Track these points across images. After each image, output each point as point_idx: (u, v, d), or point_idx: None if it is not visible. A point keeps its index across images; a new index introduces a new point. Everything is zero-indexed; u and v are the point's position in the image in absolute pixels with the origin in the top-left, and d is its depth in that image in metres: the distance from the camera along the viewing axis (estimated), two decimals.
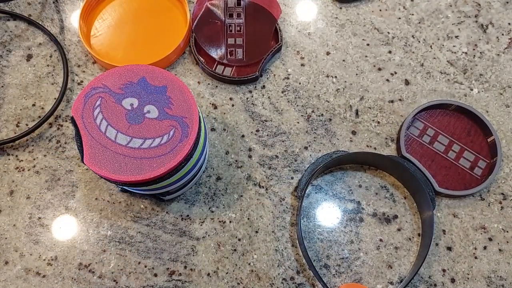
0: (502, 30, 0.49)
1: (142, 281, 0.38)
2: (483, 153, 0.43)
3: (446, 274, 0.39)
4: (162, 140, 0.32)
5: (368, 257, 0.39)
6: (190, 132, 0.32)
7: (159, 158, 0.31)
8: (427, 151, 0.43)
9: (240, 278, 0.39)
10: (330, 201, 0.41)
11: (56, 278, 0.38)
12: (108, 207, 0.41)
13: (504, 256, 0.40)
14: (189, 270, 0.39)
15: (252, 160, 0.42)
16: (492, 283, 0.39)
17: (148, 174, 0.31)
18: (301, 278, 0.39)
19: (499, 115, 0.45)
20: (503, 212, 0.41)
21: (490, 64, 0.47)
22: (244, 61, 0.45)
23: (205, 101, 0.45)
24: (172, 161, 0.31)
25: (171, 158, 0.31)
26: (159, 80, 0.34)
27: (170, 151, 0.32)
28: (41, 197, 0.41)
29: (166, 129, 0.32)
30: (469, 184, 0.41)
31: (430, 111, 0.44)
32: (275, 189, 0.42)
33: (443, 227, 0.40)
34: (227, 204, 0.41)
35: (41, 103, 0.45)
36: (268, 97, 0.45)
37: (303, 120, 0.44)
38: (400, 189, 0.42)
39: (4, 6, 0.50)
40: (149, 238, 0.40)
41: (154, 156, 0.32)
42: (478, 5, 0.50)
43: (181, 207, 0.41)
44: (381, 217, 0.41)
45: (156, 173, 0.31)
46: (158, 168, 0.31)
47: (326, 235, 0.40)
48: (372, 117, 0.44)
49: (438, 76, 0.46)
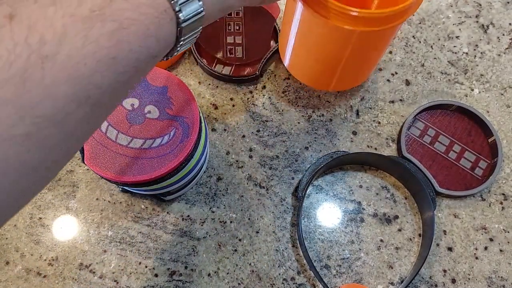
0: (503, 30, 0.49)
1: (142, 282, 0.38)
2: (484, 153, 0.43)
3: (447, 275, 0.39)
4: (162, 141, 0.32)
5: (369, 258, 0.39)
6: (191, 132, 0.32)
7: (160, 158, 0.31)
8: (427, 152, 0.43)
9: (241, 279, 0.39)
10: (330, 201, 0.41)
11: (57, 278, 0.38)
12: (108, 207, 0.41)
13: (505, 256, 0.40)
14: (190, 270, 0.39)
15: (253, 160, 0.42)
16: (493, 284, 0.39)
17: (148, 175, 0.31)
18: (301, 279, 0.39)
19: (500, 115, 0.45)
20: (504, 212, 0.41)
21: (491, 64, 0.47)
22: (243, 59, 0.45)
23: (206, 101, 0.45)
24: (173, 161, 0.31)
25: (172, 158, 0.31)
26: (160, 81, 0.34)
27: (171, 151, 0.32)
28: (41, 197, 0.41)
29: (167, 129, 0.32)
30: (470, 184, 0.41)
31: (430, 112, 0.44)
32: (275, 190, 0.42)
33: (444, 227, 0.40)
34: (228, 204, 0.41)
35: None
36: (268, 97, 0.45)
37: (304, 120, 0.44)
38: (400, 190, 0.42)
39: None
40: (149, 238, 0.40)
41: (155, 156, 0.32)
42: (479, 5, 0.50)
43: (182, 207, 0.41)
44: (382, 217, 0.41)
45: (157, 174, 0.31)
46: (159, 168, 0.31)
47: (327, 236, 0.40)
48: (372, 117, 0.44)
49: (439, 76, 0.46)
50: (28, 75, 0.16)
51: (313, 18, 0.33)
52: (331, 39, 0.35)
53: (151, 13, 0.19)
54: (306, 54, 0.40)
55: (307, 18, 0.35)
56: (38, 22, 0.16)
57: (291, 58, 0.42)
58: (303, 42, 0.38)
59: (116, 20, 0.18)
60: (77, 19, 0.17)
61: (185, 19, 0.20)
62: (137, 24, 0.18)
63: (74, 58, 0.17)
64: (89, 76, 0.17)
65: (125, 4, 0.18)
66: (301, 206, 0.39)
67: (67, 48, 0.16)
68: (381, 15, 0.31)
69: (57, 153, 0.18)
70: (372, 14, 0.31)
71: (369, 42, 0.36)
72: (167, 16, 0.20)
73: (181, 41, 0.21)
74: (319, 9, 0.32)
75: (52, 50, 0.16)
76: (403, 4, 0.30)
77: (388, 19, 0.32)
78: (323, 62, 0.39)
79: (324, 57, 0.39)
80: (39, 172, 0.18)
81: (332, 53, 0.37)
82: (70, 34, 0.17)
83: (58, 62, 0.16)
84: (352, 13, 0.30)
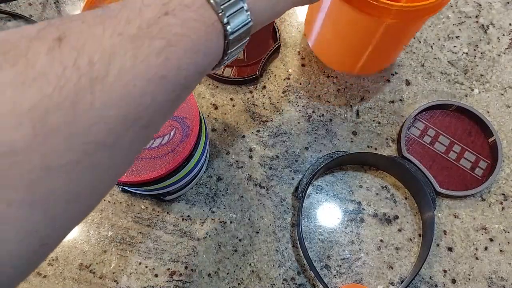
0: (503, 31, 0.49)
1: (142, 282, 0.38)
2: (484, 153, 0.43)
3: (447, 275, 0.39)
4: (163, 141, 0.32)
5: (369, 258, 0.39)
6: (191, 132, 0.32)
7: (160, 159, 0.31)
8: (427, 152, 0.43)
9: (241, 279, 0.39)
10: (330, 201, 0.41)
11: (57, 279, 0.38)
12: (109, 207, 0.41)
13: (505, 256, 0.40)
14: (190, 270, 0.39)
15: (253, 161, 0.42)
16: (493, 284, 0.39)
17: (149, 175, 0.31)
18: (301, 279, 0.39)
19: (500, 115, 0.45)
20: (504, 212, 0.41)
21: (491, 65, 0.47)
22: (245, 61, 0.45)
23: (206, 101, 0.45)
24: (173, 161, 0.31)
25: (172, 158, 0.31)
26: None
27: (171, 151, 0.32)
28: None
29: (167, 130, 0.32)
30: (470, 184, 0.41)
31: (430, 112, 0.44)
32: (275, 190, 0.42)
33: (444, 227, 0.40)
34: (228, 204, 0.41)
35: None
36: (268, 97, 0.45)
37: (304, 121, 0.44)
38: (400, 190, 0.42)
39: (5, 6, 0.50)
40: (149, 239, 0.40)
41: (154, 156, 0.32)
42: (479, 5, 0.50)
43: (182, 208, 0.41)
44: (382, 217, 0.41)
45: (157, 174, 0.31)
46: (159, 168, 0.31)
47: (327, 236, 0.40)
48: (372, 117, 0.44)
49: (439, 77, 0.46)
50: (79, 99, 0.15)
51: (343, 6, 0.33)
52: (361, 28, 0.36)
53: (198, 27, 0.18)
54: (334, 39, 0.41)
55: (337, 6, 0.35)
56: (87, 43, 0.16)
57: (317, 39, 0.43)
58: (331, 27, 0.39)
59: (164, 37, 0.17)
60: (125, 38, 0.16)
61: (233, 31, 0.20)
62: (185, 40, 0.18)
63: (124, 79, 0.16)
64: (140, 96, 0.17)
65: (173, 19, 0.17)
66: (301, 206, 0.39)
67: (117, 69, 0.16)
68: (412, 9, 0.31)
69: (105, 178, 0.18)
70: (403, 8, 0.31)
71: (397, 32, 0.37)
72: (214, 29, 0.19)
73: (228, 54, 0.21)
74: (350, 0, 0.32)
75: (102, 72, 0.16)
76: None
77: (418, 13, 0.32)
78: (350, 48, 0.40)
79: (351, 43, 0.39)
80: (85, 200, 0.17)
81: (360, 41, 0.38)
82: (119, 54, 0.16)
83: (108, 84, 0.16)
84: (385, 6, 0.31)
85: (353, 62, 0.42)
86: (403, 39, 0.39)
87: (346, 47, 0.41)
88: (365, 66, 0.42)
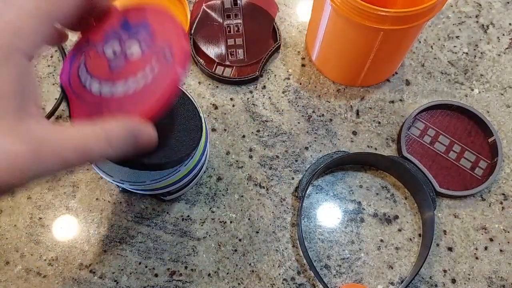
0: (503, 31, 0.49)
1: (142, 282, 0.38)
2: (484, 153, 0.43)
3: (447, 275, 0.39)
4: (146, 76, 0.27)
5: (369, 258, 0.39)
6: (175, 58, 0.26)
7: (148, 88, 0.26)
8: (427, 152, 0.43)
9: (241, 279, 0.39)
10: (330, 201, 0.41)
11: (57, 278, 0.38)
12: (108, 207, 0.41)
13: (505, 256, 0.40)
14: (190, 270, 0.39)
15: (253, 161, 0.42)
16: (493, 284, 0.39)
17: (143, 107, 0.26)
18: (301, 279, 0.39)
19: (500, 115, 0.45)
20: (504, 212, 0.41)
21: (491, 65, 0.47)
22: (245, 61, 0.45)
23: (206, 101, 0.45)
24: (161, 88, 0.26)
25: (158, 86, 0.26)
26: (140, 17, 0.28)
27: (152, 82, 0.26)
28: (42, 198, 0.41)
29: (148, 63, 0.27)
30: (470, 184, 0.41)
31: (430, 112, 0.44)
32: (275, 190, 0.42)
33: (444, 227, 0.40)
34: (228, 204, 0.41)
35: (42, 103, 0.45)
36: (269, 97, 0.45)
37: (304, 121, 0.44)
38: (400, 190, 0.42)
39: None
40: (149, 239, 0.40)
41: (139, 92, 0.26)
42: (479, 5, 0.50)
43: (182, 208, 0.41)
44: (382, 217, 0.41)
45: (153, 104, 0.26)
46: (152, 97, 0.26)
47: (327, 236, 0.40)
48: (372, 117, 0.44)
49: (439, 77, 0.46)
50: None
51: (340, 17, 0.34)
52: (359, 37, 0.36)
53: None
54: (334, 52, 0.41)
55: (335, 17, 0.36)
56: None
57: (319, 54, 0.43)
58: (331, 40, 0.40)
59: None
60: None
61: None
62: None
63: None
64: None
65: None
66: (301, 206, 0.39)
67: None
68: (407, 14, 0.31)
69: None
70: (398, 14, 0.31)
71: (396, 40, 0.37)
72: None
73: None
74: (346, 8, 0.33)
75: None
76: (428, 3, 0.31)
77: (413, 18, 0.32)
78: (351, 59, 0.41)
79: (352, 54, 0.40)
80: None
81: (359, 51, 0.39)
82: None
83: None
84: (380, 13, 0.31)
85: (355, 74, 0.43)
86: (402, 47, 0.40)
87: (346, 59, 0.41)
88: (367, 77, 0.43)
